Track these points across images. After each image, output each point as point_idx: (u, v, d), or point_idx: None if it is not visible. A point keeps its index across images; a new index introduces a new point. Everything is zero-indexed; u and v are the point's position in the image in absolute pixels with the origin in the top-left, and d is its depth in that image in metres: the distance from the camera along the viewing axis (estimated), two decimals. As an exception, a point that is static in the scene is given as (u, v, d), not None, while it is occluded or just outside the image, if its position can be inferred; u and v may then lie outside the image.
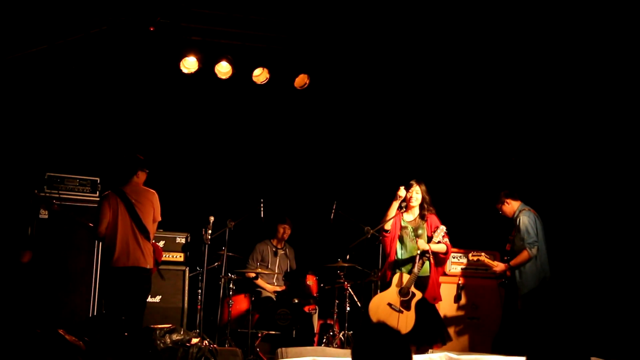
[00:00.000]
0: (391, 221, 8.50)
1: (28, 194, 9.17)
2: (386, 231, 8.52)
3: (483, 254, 9.04)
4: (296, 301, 9.60)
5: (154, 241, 8.14)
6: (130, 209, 7.86)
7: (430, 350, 8.06)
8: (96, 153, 10.34)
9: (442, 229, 8.33)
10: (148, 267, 7.89)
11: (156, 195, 8.06)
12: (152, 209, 7.98)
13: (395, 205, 8.49)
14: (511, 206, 9.12)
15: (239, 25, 9.51)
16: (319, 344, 9.36)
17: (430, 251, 8.27)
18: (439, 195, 9.20)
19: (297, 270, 10.19)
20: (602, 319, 8.82)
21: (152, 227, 7.99)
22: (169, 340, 6.39)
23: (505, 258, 9.01)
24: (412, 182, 8.54)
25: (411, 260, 8.38)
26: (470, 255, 9.23)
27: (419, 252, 8.31)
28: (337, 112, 11.13)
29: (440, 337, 8.36)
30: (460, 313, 9.34)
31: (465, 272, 9.52)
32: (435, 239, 8.26)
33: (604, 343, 8.27)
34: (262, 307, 9.56)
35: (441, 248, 8.35)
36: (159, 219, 8.07)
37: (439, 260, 8.43)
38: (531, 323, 8.67)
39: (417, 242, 8.33)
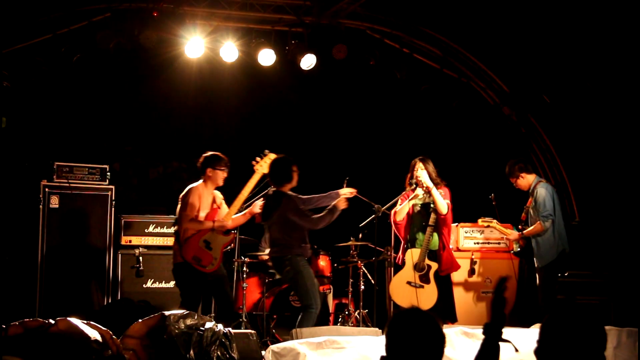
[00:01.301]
0: (404, 212, 8.50)
1: (37, 183, 9.26)
2: (399, 221, 8.54)
3: (494, 220, 9.01)
4: (310, 281, 9.59)
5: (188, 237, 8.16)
6: None
7: (444, 326, 8.04)
8: (105, 142, 10.38)
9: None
10: (173, 261, 8.22)
11: (184, 192, 8.16)
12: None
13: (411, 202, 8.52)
14: (526, 180, 9.09)
15: (243, 7, 9.52)
16: (335, 324, 9.35)
17: (431, 193, 8.35)
18: (450, 170, 9.20)
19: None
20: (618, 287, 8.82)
21: (178, 224, 8.15)
22: (183, 325, 6.36)
23: (520, 227, 9.02)
24: (415, 160, 8.51)
25: (417, 235, 8.42)
26: (480, 220, 9.11)
27: (425, 224, 8.37)
28: (346, 91, 11.13)
29: (450, 315, 8.42)
30: (475, 287, 9.31)
31: (478, 247, 9.49)
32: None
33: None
34: (277, 288, 9.56)
35: (442, 200, 8.34)
36: (181, 214, 8.10)
37: (441, 224, 8.41)
38: (549, 296, 8.67)
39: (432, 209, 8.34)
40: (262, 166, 8.21)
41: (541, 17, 9.17)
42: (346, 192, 8.07)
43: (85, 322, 6.15)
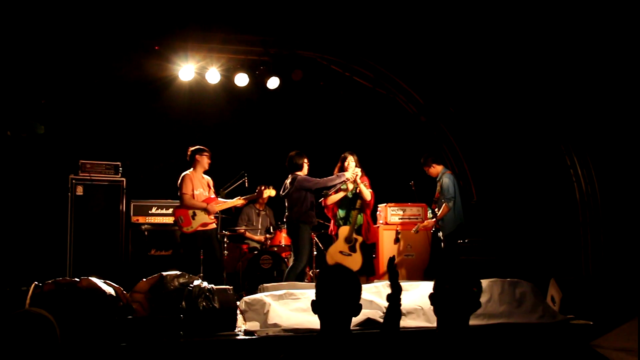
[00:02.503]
0: (334, 200, 8.64)
1: (66, 176, 9.27)
2: (330, 205, 8.68)
3: (418, 225, 9.23)
4: (275, 249, 9.70)
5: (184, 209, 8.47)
6: None
7: (375, 280, 8.21)
8: (118, 144, 10.35)
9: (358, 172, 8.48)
10: None
11: (180, 178, 8.50)
12: None
13: (340, 193, 8.61)
14: (436, 169, 9.22)
15: (223, 42, 9.52)
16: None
17: (358, 184, 8.43)
18: (380, 163, 9.28)
19: (275, 226, 10.25)
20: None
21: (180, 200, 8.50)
22: (177, 283, 6.40)
23: (434, 209, 9.21)
24: (346, 154, 8.63)
25: (349, 216, 8.53)
26: (412, 230, 9.28)
27: (353, 207, 8.49)
28: (302, 104, 11.16)
29: (372, 271, 8.68)
30: (399, 251, 9.40)
31: (401, 221, 9.60)
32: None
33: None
34: (250, 255, 9.65)
35: (367, 190, 8.46)
36: (180, 194, 8.45)
37: (365, 207, 8.54)
38: (449, 256, 8.85)
39: (358, 195, 8.45)
40: (259, 194, 8.97)
41: (450, 48, 9.17)
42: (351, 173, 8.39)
43: (102, 280, 6.24)
